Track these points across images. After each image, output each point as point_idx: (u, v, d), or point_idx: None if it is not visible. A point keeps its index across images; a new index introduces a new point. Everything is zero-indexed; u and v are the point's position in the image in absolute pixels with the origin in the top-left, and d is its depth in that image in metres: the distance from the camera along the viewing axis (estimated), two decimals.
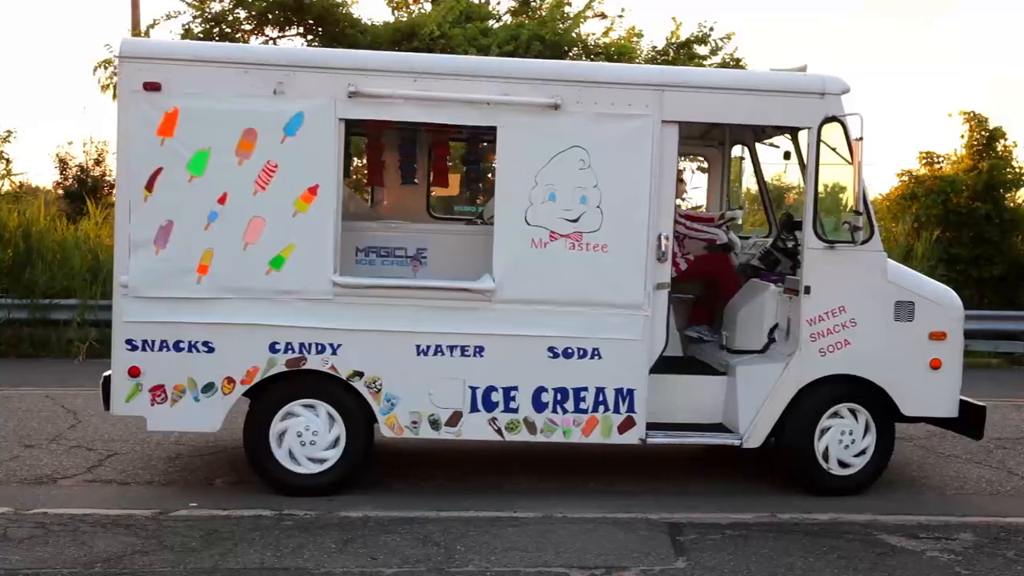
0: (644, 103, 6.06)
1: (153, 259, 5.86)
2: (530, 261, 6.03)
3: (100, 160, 18.66)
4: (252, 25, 13.68)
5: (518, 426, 6.15)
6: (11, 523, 5.42)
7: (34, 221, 13.03)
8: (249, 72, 5.88)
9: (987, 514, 6.15)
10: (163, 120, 5.80)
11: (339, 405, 6.08)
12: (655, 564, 5.04)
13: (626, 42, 14.27)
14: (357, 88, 5.88)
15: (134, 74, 5.84)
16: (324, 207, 5.90)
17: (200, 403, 5.97)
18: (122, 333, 5.94)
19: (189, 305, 5.90)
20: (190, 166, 5.83)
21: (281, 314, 5.94)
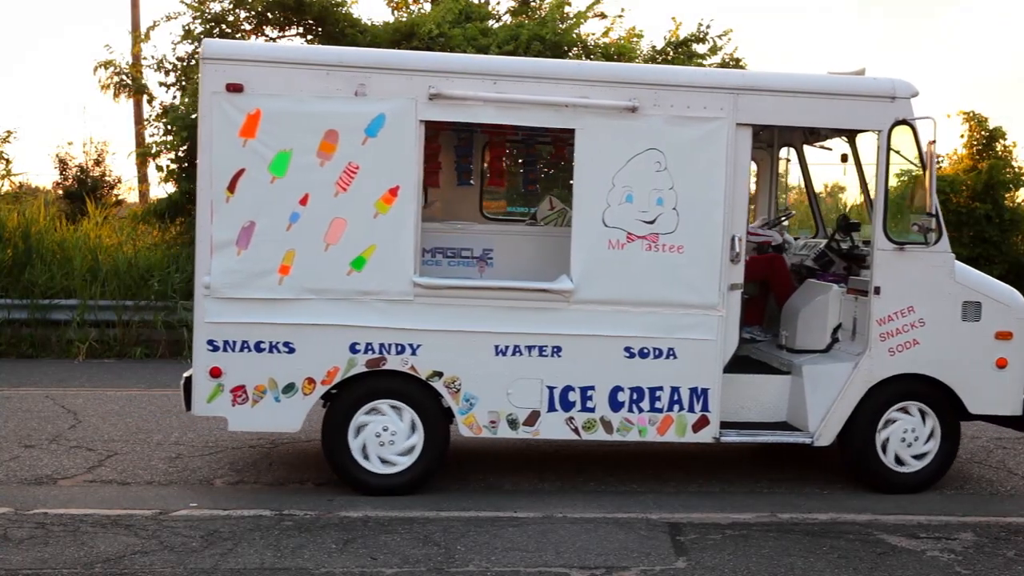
0: (719, 106, 6.13)
1: (235, 260, 5.90)
2: (607, 262, 6.10)
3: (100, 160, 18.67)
4: (252, 25, 13.68)
5: (595, 425, 6.21)
6: (11, 523, 5.42)
7: (34, 221, 13.03)
8: (331, 74, 5.92)
9: (987, 514, 6.15)
10: (245, 121, 5.85)
11: (417, 405, 6.14)
12: (655, 564, 5.04)
13: (626, 42, 14.26)
14: (438, 90, 5.94)
15: (217, 75, 5.86)
16: (405, 208, 5.95)
17: (281, 404, 6.02)
18: (204, 334, 5.97)
19: (270, 306, 5.94)
20: (272, 167, 5.87)
21: (361, 315, 5.99)
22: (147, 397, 9.28)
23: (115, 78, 13.84)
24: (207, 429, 7.90)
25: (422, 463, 6.15)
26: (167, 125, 12.89)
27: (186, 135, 12.65)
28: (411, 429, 6.14)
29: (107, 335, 12.02)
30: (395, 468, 6.14)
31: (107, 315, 12.06)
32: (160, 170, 13.27)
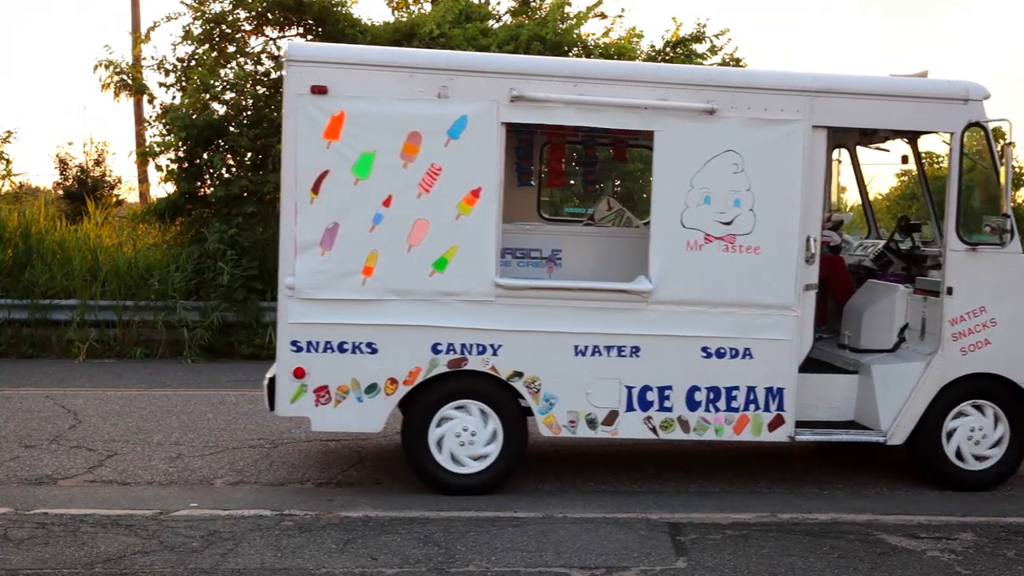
0: (796, 108, 6.18)
1: (319, 261, 5.94)
2: (685, 263, 6.15)
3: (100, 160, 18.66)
4: (252, 26, 13.67)
5: (672, 425, 6.25)
6: (11, 523, 5.42)
7: (34, 221, 13.03)
8: (414, 76, 5.97)
9: (987, 514, 6.15)
10: (329, 123, 5.89)
11: (497, 405, 6.18)
12: (655, 564, 5.04)
13: (626, 42, 14.27)
14: (519, 92, 5.99)
15: (301, 77, 5.91)
16: (486, 210, 6.00)
17: (363, 404, 6.05)
18: (288, 334, 6.01)
19: (353, 306, 5.98)
20: (356, 168, 5.92)
21: (443, 315, 6.03)
22: (147, 397, 9.28)
23: (115, 78, 13.82)
24: (207, 429, 7.90)
25: (501, 463, 6.20)
26: (167, 125, 12.89)
27: (186, 135, 12.66)
28: (491, 430, 6.19)
29: (107, 335, 12.02)
30: (475, 468, 6.21)
31: (107, 315, 12.07)
32: (160, 170, 13.27)
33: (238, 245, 12.13)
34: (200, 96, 12.96)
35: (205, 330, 11.81)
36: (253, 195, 12.68)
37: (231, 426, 8.06)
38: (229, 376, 10.68)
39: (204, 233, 12.37)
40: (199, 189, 13.06)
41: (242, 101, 13.12)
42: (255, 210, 12.55)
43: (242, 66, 13.44)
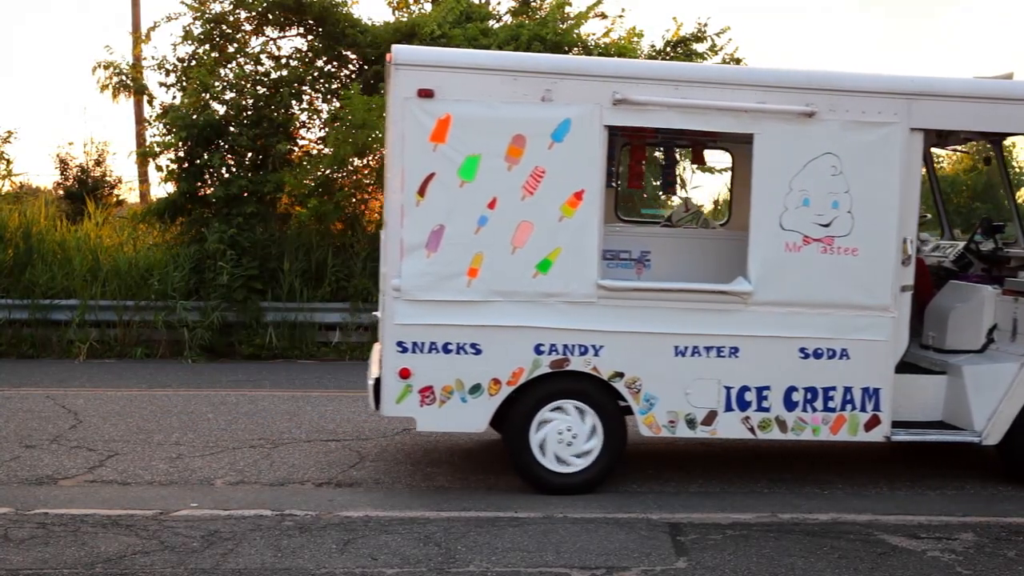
0: (893, 111, 6.23)
1: (425, 262, 6.01)
2: (784, 264, 6.21)
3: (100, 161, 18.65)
4: (253, 26, 13.67)
5: (770, 425, 6.31)
6: (12, 523, 5.42)
7: (34, 221, 13.03)
8: (518, 79, 6.03)
9: (988, 514, 6.15)
10: (436, 126, 5.96)
11: (597, 405, 6.24)
12: (656, 564, 5.04)
13: (626, 42, 14.26)
14: (623, 96, 6.04)
15: (408, 81, 5.96)
16: (589, 212, 6.06)
17: (467, 404, 6.11)
18: (393, 335, 6.06)
19: (458, 308, 6.05)
20: (461, 171, 5.99)
21: (546, 316, 6.10)
22: (148, 397, 9.28)
23: (114, 79, 13.82)
24: (207, 429, 7.90)
25: (601, 462, 6.27)
26: (167, 125, 12.89)
27: (186, 135, 12.66)
28: (591, 429, 6.24)
29: (107, 335, 12.02)
30: (575, 467, 6.27)
31: (107, 315, 12.06)
32: (160, 170, 13.27)
33: (238, 245, 12.13)
34: (200, 96, 12.96)
35: (205, 330, 11.80)
36: (253, 195, 12.68)
37: (231, 426, 8.06)
38: (229, 376, 10.68)
39: (204, 233, 12.37)
40: (199, 189, 13.05)
41: (242, 101, 13.11)
42: (255, 210, 12.54)
43: (242, 66, 13.44)
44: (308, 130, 13.98)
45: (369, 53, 13.55)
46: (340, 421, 8.35)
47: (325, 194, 12.64)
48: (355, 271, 12.41)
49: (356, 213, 13.42)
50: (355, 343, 12.29)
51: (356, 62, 14.00)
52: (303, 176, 12.53)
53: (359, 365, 11.72)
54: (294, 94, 13.32)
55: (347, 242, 12.97)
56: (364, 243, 12.93)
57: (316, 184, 12.63)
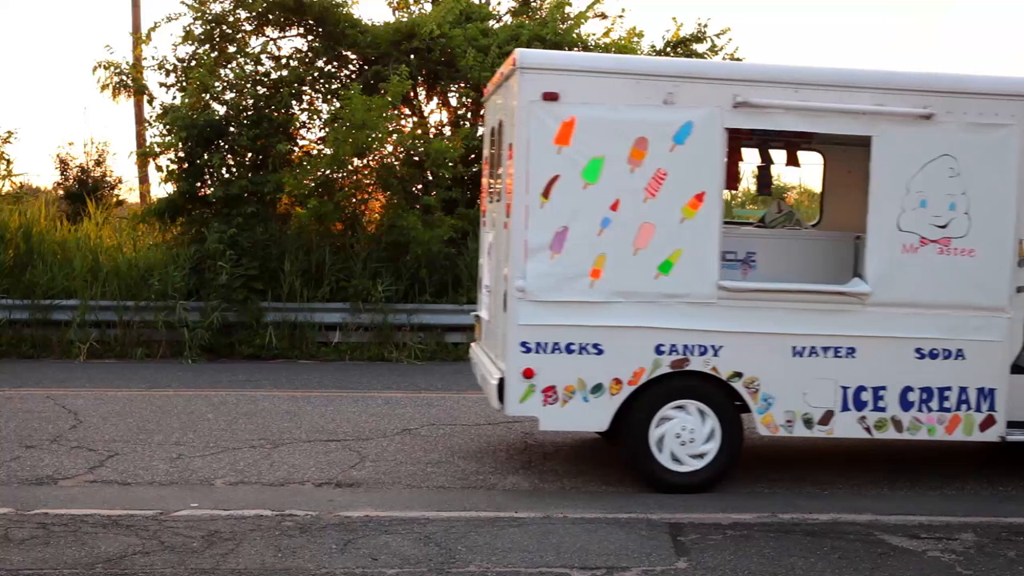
0: (1010, 113, 6.31)
1: (549, 264, 6.10)
2: (901, 266, 6.30)
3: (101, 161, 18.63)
4: (253, 26, 13.67)
5: (886, 424, 6.39)
6: (12, 524, 5.42)
7: (35, 222, 13.03)
8: (641, 83, 6.12)
9: (988, 514, 6.14)
10: (560, 129, 6.06)
11: (715, 405, 6.33)
12: (656, 564, 5.04)
13: (626, 42, 14.26)
14: (743, 98, 6.13)
15: (534, 84, 6.06)
16: (709, 214, 6.17)
17: (589, 403, 6.19)
18: (518, 336, 6.15)
19: (581, 308, 6.14)
20: (585, 173, 6.09)
21: (667, 317, 6.19)
22: (148, 397, 9.28)
23: (114, 79, 13.82)
24: (207, 430, 7.90)
25: (720, 461, 6.35)
26: (167, 125, 12.88)
27: (186, 135, 12.65)
28: (708, 428, 6.32)
29: (108, 335, 12.02)
30: (694, 466, 6.35)
31: (108, 315, 12.06)
32: (160, 170, 13.27)
33: (238, 245, 12.12)
34: (200, 96, 12.96)
35: (205, 330, 11.80)
36: (253, 195, 12.68)
37: (231, 426, 8.06)
38: (229, 376, 10.68)
39: (204, 233, 12.37)
40: (199, 189, 13.06)
41: (242, 101, 13.11)
42: (255, 210, 12.54)
43: (242, 66, 13.44)
44: (308, 130, 13.98)
45: (369, 53, 13.55)
46: (340, 421, 8.35)
47: (325, 194, 12.64)
48: (355, 271, 12.41)
49: (356, 213, 13.43)
50: (355, 343, 12.29)
51: (356, 62, 13.99)
52: (303, 176, 12.53)
53: (359, 365, 11.76)
54: (294, 94, 13.32)
55: (347, 242, 12.97)
56: (364, 243, 12.94)
57: (316, 184, 12.62)
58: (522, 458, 7.21)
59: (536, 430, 8.14)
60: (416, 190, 13.41)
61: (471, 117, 14.15)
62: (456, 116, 14.37)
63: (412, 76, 13.24)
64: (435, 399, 9.54)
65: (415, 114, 14.44)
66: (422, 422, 8.39)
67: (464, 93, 13.93)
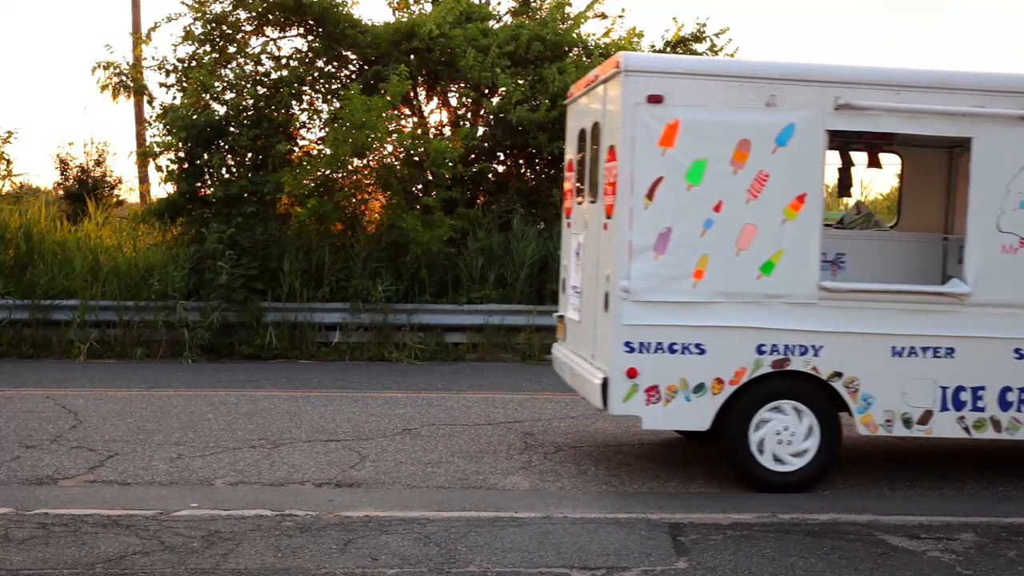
0: None
1: (652, 264, 6.18)
2: (1001, 266, 6.34)
3: (101, 161, 18.64)
4: (253, 26, 13.68)
5: (984, 424, 6.43)
6: (12, 524, 5.42)
7: (35, 222, 13.03)
8: (744, 85, 6.20)
9: (988, 514, 6.14)
10: (664, 131, 6.14)
11: (814, 405, 6.37)
12: (656, 564, 5.04)
13: (626, 43, 14.25)
14: (845, 101, 6.19)
15: (638, 87, 6.14)
16: (811, 215, 6.23)
17: (691, 403, 6.27)
18: (621, 336, 6.21)
19: (684, 308, 6.22)
20: (688, 175, 6.17)
21: (768, 317, 6.25)
22: (148, 397, 9.28)
23: (114, 79, 13.82)
24: (208, 430, 7.90)
25: (819, 461, 6.39)
26: (167, 125, 12.89)
27: (186, 135, 12.65)
28: (807, 428, 6.36)
29: (108, 335, 12.02)
30: (794, 465, 6.40)
31: (108, 315, 12.06)
32: (160, 170, 13.27)
33: (238, 245, 12.13)
34: (200, 96, 12.96)
35: (205, 330, 11.80)
36: (253, 195, 12.68)
37: (231, 426, 8.06)
38: (229, 376, 10.68)
39: (204, 233, 12.37)
40: (199, 189, 13.06)
41: (242, 101, 13.11)
42: (255, 210, 12.55)
43: (242, 66, 13.44)
44: (308, 130, 13.99)
45: (369, 53, 13.55)
46: (340, 421, 8.35)
47: (325, 194, 12.64)
48: (355, 271, 12.41)
49: (356, 213, 13.43)
50: (355, 343, 12.29)
51: (356, 62, 14.00)
52: (303, 176, 12.53)
53: (359, 365, 11.76)
54: (294, 94, 13.32)
55: (347, 242, 12.97)
56: (364, 243, 12.94)
57: (316, 184, 12.62)
58: (522, 458, 7.21)
59: (536, 430, 8.15)
60: (416, 190, 13.42)
61: (471, 117, 14.16)
62: (456, 116, 14.38)
63: (412, 76, 13.25)
64: (435, 399, 9.54)
65: (415, 114, 14.45)
66: (422, 422, 8.39)
67: (464, 93, 13.94)
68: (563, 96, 12.89)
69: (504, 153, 14.23)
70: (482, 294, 12.67)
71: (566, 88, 12.80)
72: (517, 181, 14.12)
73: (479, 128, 13.75)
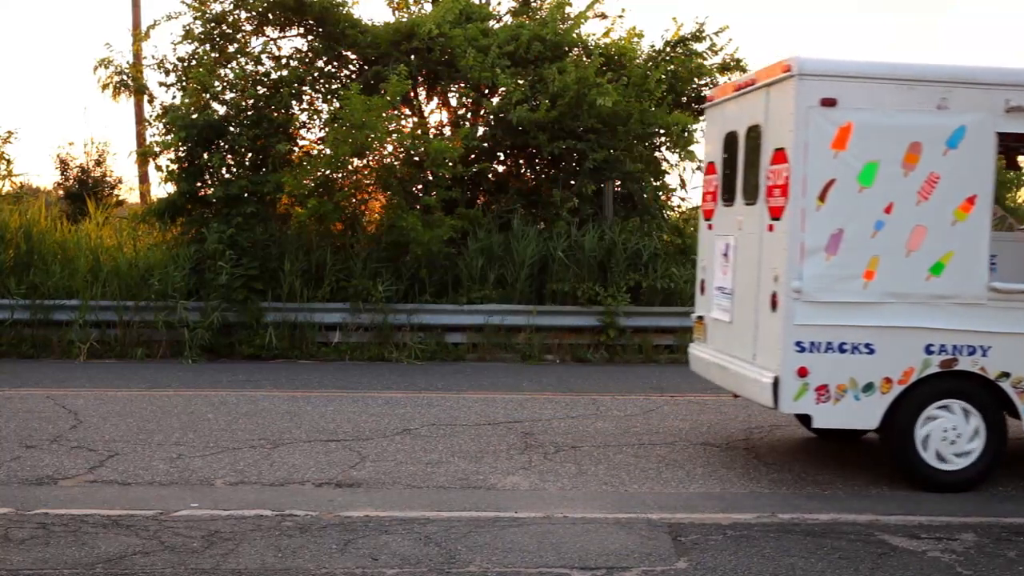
0: None
1: (824, 265, 6.31)
2: None
3: (101, 161, 18.65)
4: (253, 26, 13.68)
5: None
6: (12, 524, 5.42)
7: (35, 222, 13.03)
8: (914, 88, 6.31)
9: (988, 514, 6.14)
10: (837, 134, 6.26)
11: (980, 405, 6.46)
12: (656, 564, 5.04)
13: (626, 43, 14.26)
14: (1016, 103, 6.29)
15: (812, 90, 6.27)
16: (980, 216, 6.33)
17: (860, 402, 6.37)
18: (793, 335, 6.34)
19: (854, 309, 6.33)
20: (860, 177, 6.28)
21: (937, 318, 6.34)
22: (148, 397, 9.28)
23: (115, 78, 13.82)
24: (208, 430, 7.90)
25: (984, 461, 6.47)
26: (167, 125, 12.89)
27: (185, 135, 12.65)
28: (973, 428, 6.44)
29: (108, 335, 12.02)
30: (959, 465, 6.48)
31: (108, 315, 12.06)
32: (160, 170, 13.27)
33: (238, 245, 12.13)
34: (200, 96, 12.96)
35: (205, 330, 11.80)
36: (253, 195, 12.68)
37: (231, 426, 8.06)
38: (229, 376, 10.68)
39: (204, 233, 12.37)
40: (199, 189, 13.06)
41: (242, 101, 13.11)
42: (255, 210, 12.54)
43: (242, 66, 13.44)
44: (308, 130, 14.00)
45: (369, 53, 13.55)
46: (340, 421, 8.35)
47: (325, 194, 12.64)
48: (355, 271, 12.41)
49: (356, 213, 13.43)
50: (355, 343, 12.29)
51: (356, 62, 14.00)
52: (303, 176, 12.53)
53: (359, 365, 11.76)
54: (294, 94, 13.32)
55: (347, 242, 12.97)
56: (364, 243, 12.94)
57: (316, 184, 12.63)
58: (522, 458, 7.21)
59: (536, 430, 8.14)
60: (416, 190, 13.42)
61: (471, 117, 14.16)
62: (456, 116, 14.38)
63: (412, 76, 13.25)
64: (435, 399, 9.54)
65: (415, 114, 14.45)
66: (422, 422, 8.39)
67: (464, 93, 13.94)
68: (562, 96, 12.92)
69: (504, 153, 14.23)
70: (482, 294, 12.68)
71: (566, 88, 12.83)
72: (517, 181, 14.13)
73: (479, 128, 13.75)
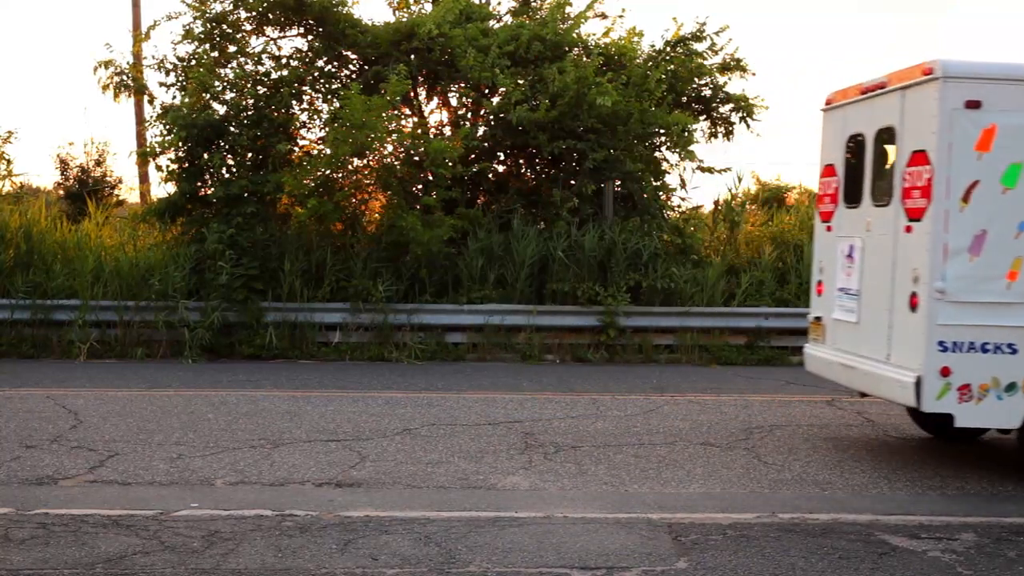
0: None
1: (967, 266, 6.44)
2: None
3: (101, 161, 18.66)
4: (253, 26, 13.68)
5: None
6: (12, 524, 5.42)
7: (35, 222, 13.04)
8: None
9: (988, 514, 6.14)
10: (981, 136, 6.38)
11: None
12: (656, 564, 5.04)
13: (626, 42, 14.26)
14: None
15: (956, 93, 6.40)
16: None
17: (1002, 402, 6.48)
18: (936, 335, 6.48)
19: (996, 309, 6.45)
20: (1004, 179, 6.39)
21: None
22: (148, 397, 9.28)
23: (115, 78, 13.83)
24: (208, 430, 7.90)
25: None
26: (167, 125, 12.89)
27: (186, 135, 12.65)
28: None
29: (108, 335, 12.03)
30: None
31: (108, 315, 12.07)
32: (160, 170, 13.28)
33: (238, 245, 12.13)
34: (200, 96, 12.96)
35: (206, 330, 11.81)
36: (253, 195, 12.68)
37: (231, 426, 8.06)
38: (229, 376, 10.68)
39: (204, 233, 12.38)
40: (199, 189, 13.07)
41: (242, 101, 13.12)
42: (255, 210, 12.55)
43: (242, 66, 13.44)
44: (308, 130, 14.00)
45: (369, 53, 13.55)
46: (340, 421, 8.35)
47: (325, 194, 12.65)
48: (355, 271, 12.41)
49: (356, 213, 13.43)
50: (355, 343, 12.29)
51: (356, 62, 14.00)
52: (303, 176, 12.54)
53: (359, 365, 11.76)
54: (294, 94, 13.33)
55: (347, 242, 12.97)
56: (364, 243, 12.94)
57: (316, 184, 12.63)
58: (522, 458, 7.21)
59: (536, 430, 8.15)
60: (416, 190, 13.42)
61: (471, 117, 14.16)
62: (456, 116, 14.38)
63: (412, 76, 13.25)
64: (435, 399, 9.54)
65: (415, 114, 14.45)
66: (422, 422, 8.39)
67: (464, 93, 13.94)
68: (562, 96, 12.91)
69: (504, 153, 14.23)
70: (482, 294, 12.68)
71: (566, 88, 12.82)
72: (517, 181, 14.13)
73: (479, 128, 13.75)
